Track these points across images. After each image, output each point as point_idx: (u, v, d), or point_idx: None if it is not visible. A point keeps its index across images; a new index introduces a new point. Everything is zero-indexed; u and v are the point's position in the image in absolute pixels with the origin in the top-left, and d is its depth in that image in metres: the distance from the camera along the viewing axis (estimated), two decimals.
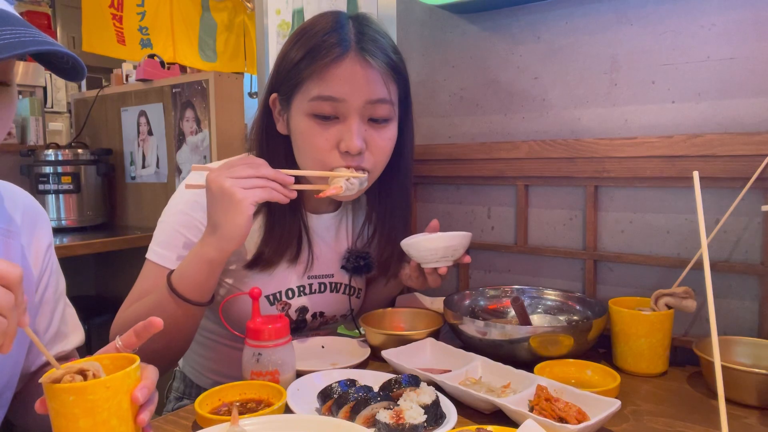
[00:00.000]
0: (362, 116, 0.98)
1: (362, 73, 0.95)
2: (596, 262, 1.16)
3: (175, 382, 1.25)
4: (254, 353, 0.86)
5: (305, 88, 0.97)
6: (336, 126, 0.97)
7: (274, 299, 1.08)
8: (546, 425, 0.69)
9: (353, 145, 0.96)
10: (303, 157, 1.02)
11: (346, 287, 1.16)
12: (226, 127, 2.32)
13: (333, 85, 0.95)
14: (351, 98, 0.95)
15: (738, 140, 0.97)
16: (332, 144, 0.97)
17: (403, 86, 1.05)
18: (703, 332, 1.04)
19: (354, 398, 0.75)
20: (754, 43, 1.00)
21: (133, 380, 0.65)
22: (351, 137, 0.96)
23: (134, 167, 2.73)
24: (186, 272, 0.92)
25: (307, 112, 0.98)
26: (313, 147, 0.98)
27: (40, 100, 2.91)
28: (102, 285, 2.91)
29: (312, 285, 1.12)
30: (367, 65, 0.95)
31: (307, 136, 0.99)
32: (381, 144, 1.01)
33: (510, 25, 1.26)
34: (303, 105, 0.98)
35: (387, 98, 0.98)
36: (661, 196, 1.09)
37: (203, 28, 3.93)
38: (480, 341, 0.98)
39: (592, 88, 1.16)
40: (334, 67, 0.94)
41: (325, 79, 0.95)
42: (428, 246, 1.02)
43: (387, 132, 1.02)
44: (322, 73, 0.95)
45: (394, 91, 1.01)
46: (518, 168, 1.22)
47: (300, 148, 1.02)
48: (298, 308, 1.10)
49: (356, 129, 0.96)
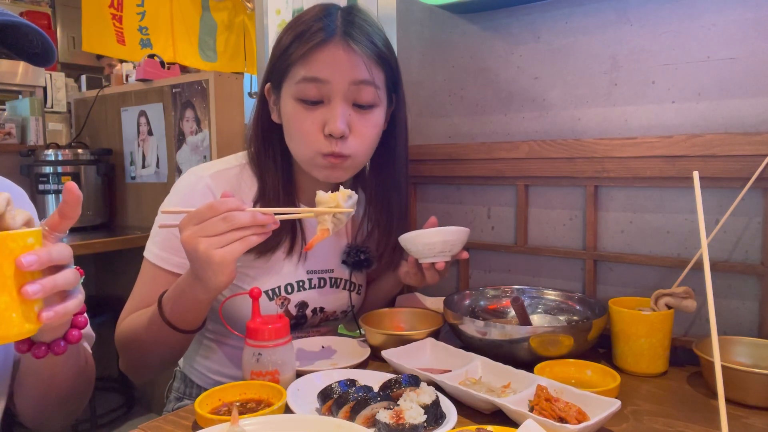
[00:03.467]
0: (347, 99, 0.99)
1: (345, 56, 0.97)
2: (596, 262, 1.16)
3: (175, 382, 1.25)
4: (254, 353, 0.86)
5: (293, 72, 0.99)
6: (321, 109, 0.99)
7: (273, 294, 1.08)
8: (546, 425, 0.69)
9: (336, 128, 0.97)
10: (291, 141, 1.04)
11: (346, 282, 1.16)
12: (226, 127, 2.32)
13: (317, 66, 0.97)
14: (334, 79, 0.97)
15: (738, 140, 0.97)
16: (318, 127, 0.99)
17: (391, 75, 1.05)
18: (703, 332, 1.05)
19: (354, 398, 0.75)
20: (754, 43, 1.00)
21: (21, 246, 0.58)
22: (334, 120, 0.97)
23: (134, 167, 2.73)
24: (176, 308, 0.91)
25: (294, 96, 0.99)
26: (300, 131, 1.00)
27: (40, 100, 2.91)
28: (102, 285, 2.91)
29: (312, 280, 1.12)
30: (351, 49, 0.97)
31: (294, 120, 1.00)
32: (365, 130, 1.01)
33: (510, 25, 1.26)
34: (291, 89, 1.00)
35: (370, 80, 0.99)
36: (661, 196, 1.09)
37: (203, 28, 3.93)
38: (480, 341, 0.98)
39: (592, 88, 1.16)
40: (319, 50, 0.97)
41: (309, 62, 0.97)
42: (425, 240, 1.03)
43: (372, 118, 1.02)
44: (308, 56, 0.97)
45: (380, 78, 1.02)
46: (518, 168, 1.22)
47: (288, 132, 1.04)
48: (297, 303, 1.10)
49: (340, 112, 0.98)
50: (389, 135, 1.10)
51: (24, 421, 0.88)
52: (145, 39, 3.61)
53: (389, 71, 1.04)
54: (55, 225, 0.63)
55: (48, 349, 0.70)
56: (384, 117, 1.06)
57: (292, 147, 1.05)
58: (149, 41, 3.61)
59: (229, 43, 4.09)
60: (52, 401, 0.84)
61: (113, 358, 3.19)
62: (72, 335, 0.71)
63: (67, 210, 0.63)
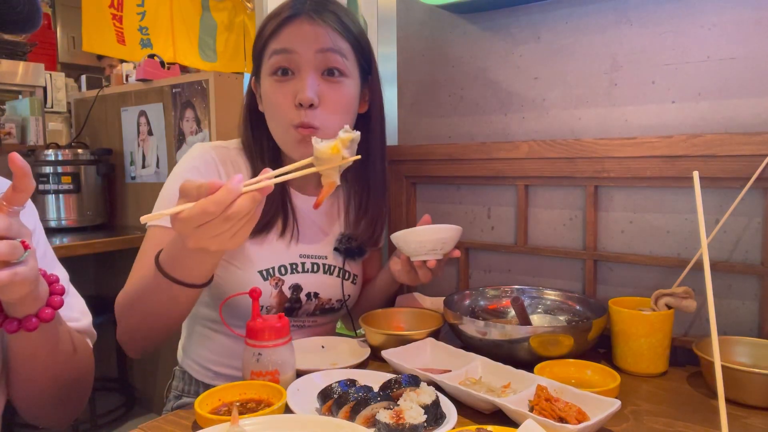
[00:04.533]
0: (316, 69, 1.03)
1: (311, 28, 1.03)
2: (596, 262, 1.16)
3: (175, 381, 1.25)
4: (254, 353, 0.86)
5: (267, 51, 1.05)
6: (292, 81, 1.03)
7: (267, 275, 1.10)
8: (546, 425, 0.69)
9: (305, 96, 1.01)
10: (271, 121, 1.08)
11: (339, 270, 1.18)
12: (226, 127, 2.32)
13: (285, 38, 1.03)
14: (301, 49, 1.02)
15: (738, 140, 0.97)
16: (290, 99, 1.03)
17: (361, 52, 1.09)
18: (703, 332, 1.04)
19: (354, 398, 0.75)
20: (754, 43, 1.00)
21: None
22: (303, 89, 1.01)
23: (134, 167, 2.73)
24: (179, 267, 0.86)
25: (268, 73, 1.05)
26: (275, 105, 1.05)
27: (40, 100, 2.92)
28: (102, 285, 2.91)
29: (305, 264, 1.14)
30: (316, 22, 1.03)
31: (269, 96, 1.06)
32: (334, 99, 1.05)
33: (510, 25, 1.26)
34: (266, 67, 1.06)
35: (335, 48, 1.03)
36: (661, 196, 1.09)
37: (203, 28, 3.93)
38: (480, 341, 0.98)
39: (592, 88, 1.16)
40: (287, 25, 1.03)
41: (278, 36, 1.04)
42: (417, 238, 1.04)
43: (342, 88, 1.06)
44: (277, 31, 1.04)
45: (346, 48, 1.06)
46: (518, 168, 1.22)
47: (267, 111, 1.08)
48: (291, 285, 1.12)
49: (309, 82, 1.02)
50: (365, 116, 1.15)
51: (21, 413, 0.89)
52: (145, 39, 3.61)
53: (357, 46, 1.08)
54: (9, 198, 0.65)
55: (20, 324, 0.72)
56: (355, 91, 1.09)
57: (271, 128, 1.09)
58: (149, 41, 3.62)
59: (229, 43, 4.09)
60: (42, 387, 0.84)
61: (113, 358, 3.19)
62: (45, 313, 0.73)
63: (17, 182, 0.64)
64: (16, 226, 0.66)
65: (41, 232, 0.92)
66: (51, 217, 2.65)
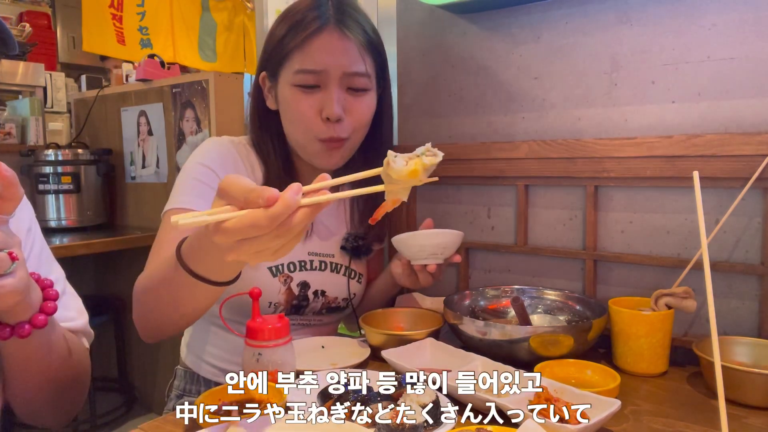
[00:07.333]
0: (341, 85, 1.05)
1: (340, 45, 1.03)
2: (596, 262, 1.16)
3: (176, 380, 1.25)
4: (254, 353, 0.86)
5: (290, 62, 1.04)
6: (318, 94, 1.04)
7: (276, 271, 1.11)
8: (546, 425, 0.69)
9: (333, 112, 1.03)
10: (290, 125, 1.09)
11: (345, 269, 1.19)
12: (226, 127, 2.32)
13: (314, 57, 1.02)
14: (330, 68, 1.02)
15: (738, 140, 0.97)
16: (315, 111, 1.04)
17: (380, 62, 1.11)
18: (703, 332, 1.04)
19: (354, 398, 0.75)
20: (754, 43, 1.00)
21: None
22: (331, 105, 1.03)
23: (134, 167, 2.73)
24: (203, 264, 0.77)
25: (292, 84, 1.05)
26: (299, 114, 1.05)
27: (40, 100, 2.91)
28: (102, 285, 2.91)
29: (313, 261, 1.15)
30: (345, 37, 1.03)
31: (293, 105, 1.06)
32: (360, 111, 1.07)
33: (510, 25, 1.26)
34: (288, 77, 1.05)
35: (364, 72, 1.05)
36: (661, 196, 1.09)
37: (203, 28, 3.93)
38: (480, 341, 0.98)
39: (592, 88, 1.16)
40: (314, 39, 1.02)
41: (306, 52, 1.02)
42: (417, 243, 1.05)
43: (365, 100, 1.08)
44: (304, 45, 1.02)
45: (371, 65, 1.07)
46: (518, 168, 1.22)
47: (287, 117, 1.09)
48: (299, 282, 1.14)
49: (336, 97, 1.03)
50: (376, 115, 1.15)
51: (18, 414, 0.88)
52: (145, 39, 3.61)
53: (378, 57, 1.10)
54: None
55: (12, 331, 0.72)
56: (375, 100, 1.11)
57: (290, 131, 1.10)
58: (149, 41, 3.62)
59: (229, 43, 4.09)
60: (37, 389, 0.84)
61: (113, 358, 3.18)
62: (37, 319, 0.73)
63: (3, 191, 0.64)
64: (3, 237, 0.65)
65: (37, 231, 0.92)
66: (51, 217, 2.65)
